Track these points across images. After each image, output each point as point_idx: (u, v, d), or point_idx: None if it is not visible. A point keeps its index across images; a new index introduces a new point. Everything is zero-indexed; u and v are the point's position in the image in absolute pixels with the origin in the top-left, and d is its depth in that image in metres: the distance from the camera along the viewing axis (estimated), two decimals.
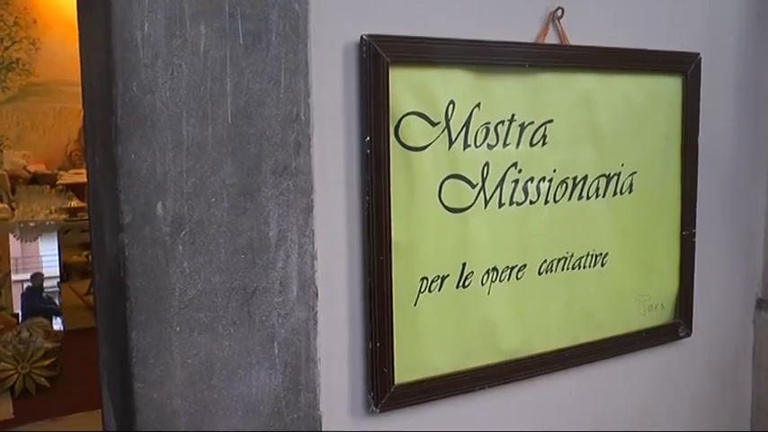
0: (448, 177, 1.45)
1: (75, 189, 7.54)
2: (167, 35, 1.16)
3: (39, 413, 4.27)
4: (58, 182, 8.41)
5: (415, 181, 1.43)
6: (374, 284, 1.38)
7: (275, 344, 1.27)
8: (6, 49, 10.11)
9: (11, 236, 5.92)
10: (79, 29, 1.54)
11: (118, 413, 1.33)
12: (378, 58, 1.35)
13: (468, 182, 1.48)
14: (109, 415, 1.40)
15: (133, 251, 1.15)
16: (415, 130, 1.42)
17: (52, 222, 5.57)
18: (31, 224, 5.53)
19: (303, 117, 1.27)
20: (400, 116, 1.40)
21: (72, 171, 9.36)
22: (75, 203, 5.85)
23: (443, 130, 1.44)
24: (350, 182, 1.38)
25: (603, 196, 1.69)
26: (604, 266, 1.70)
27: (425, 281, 1.45)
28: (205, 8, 1.19)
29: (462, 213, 1.48)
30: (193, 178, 1.19)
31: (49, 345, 4.82)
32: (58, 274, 6.45)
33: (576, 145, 1.63)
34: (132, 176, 1.14)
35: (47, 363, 4.68)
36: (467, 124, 1.47)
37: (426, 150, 1.44)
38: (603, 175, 1.68)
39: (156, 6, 1.15)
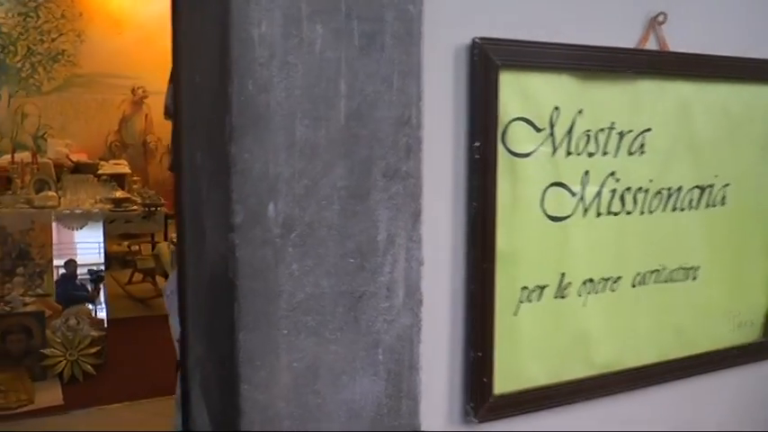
0: (551, 185, 1.41)
1: (115, 179, 7.59)
2: (284, 34, 1.12)
3: (86, 400, 4.29)
4: (98, 171, 8.48)
5: (518, 188, 1.38)
6: (477, 292, 1.34)
7: (380, 350, 1.24)
8: (53, 40, 10.19)
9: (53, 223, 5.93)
10: (176, 27, 1.50)
11: (213, 412, 1.30)
12: (488, 62, 1.31)
13: (569, 190, 1.44)
14: (200, 414, 1.37)
15: (243, 252, 1.11)
16: (520, 136, 1.37)
17: (98, 212, 5.58)
18: (78, 212, 5.55)
19: (414, 120, 1.23)
20: (507, 121, 1.36)
21: (112, 161, 9.43)
22: (120, 194, 5.87)
23: (548, 137, 1.40)
24: (457, 187, 1.34)
25: (696, 208, 1.63)
26: (695, 280, 1.65)
27: (526, 290, 1.41)
28: (322, 8, 1.15)
29: (562, 222, 1.43)
30: (305, 180, 1.15)
31: (95, 333, 4.84)
32: (91, 261, 6.45)
33: (673, 155, 1.58)
34: (245, 176, 1.11)
35: (93, 351, 4.71)
36: (570, 131, 1.42)
37: (530, 157, 1.39)
38: (697, 187, 1.63)
39: (273, 5, 1.12)
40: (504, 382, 1.40)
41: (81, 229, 5.73)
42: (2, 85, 9.87)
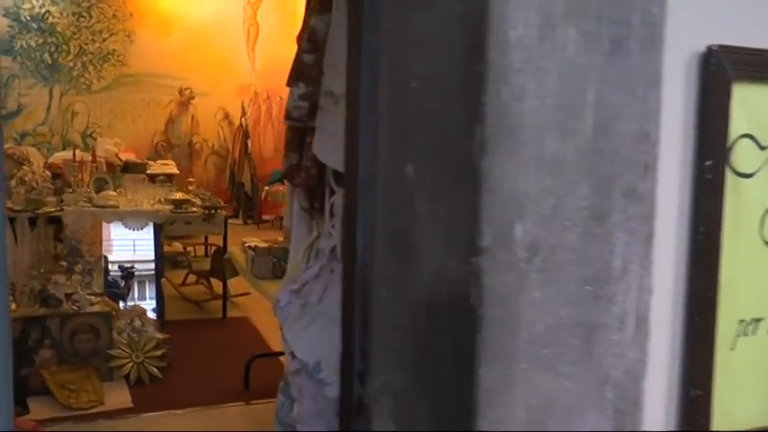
0: None
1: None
2: (539, 37, 1.00)
3: (154, 403, 4.19)
4: (147, 171, 8.42)
5: (740, 212, 1.25)
6: (701, 324, 1.21)
7: (608, 386, 1.11)
8: (104, 40, 10.18)
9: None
10: (358, 27, 1.38)
11: None
12: (723, 72, 1.18)
13: None
14: None
15: (489, 277, 0.99)
16: (745, 155, 1.24)
17: (160, 213, 5.50)
18: (141, 213, 5.47)
19: (653, 135, 1.11)
20: (734, 138, 1.22)
21: (160, 162, 9.38)
22: (180, 195, 5.78)
23: None
24: (682, 209, 1.21)
25: None
26: None
27: (743, 323, 1.27)
28: (575, 8, 1.03)
29: None
30: (552, 198, 1.03)
31: (159, 335, 4.75)
32: (130, 258, 6.36)
33: None
34: (495, 194, 0.99)
35: (158, 353, 4.62)
36: None
37: (753, 178, 1.26)
38: None
39: (530, 5, 0.99)
40: (718, 423, 1.27)
41: (141, 229, 5.65)
42: (54, 84, 9.87)
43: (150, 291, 6.23)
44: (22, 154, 8.41)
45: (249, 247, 3.69)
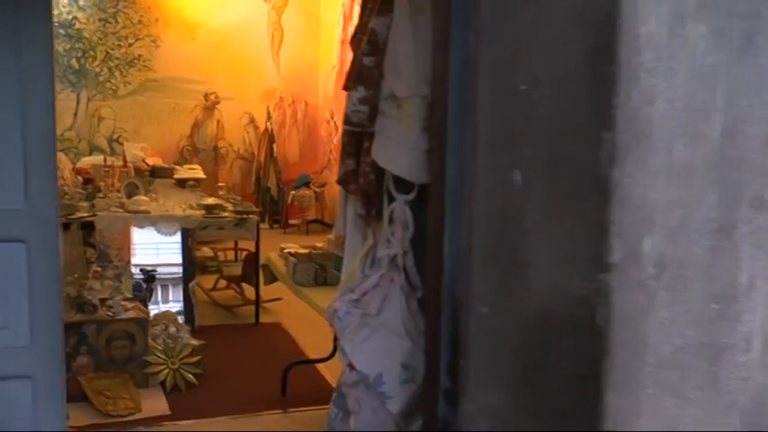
0: None
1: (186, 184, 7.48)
2: (669, 33, 0.91)
3: (191, 411, 4.12)
4: (173, 176, 8.37)
5: None
6: None
7: (735, 413, 1.02)
8: (130, 45, 10.16)
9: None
10: (444, 32, 1.30)
11: None
12: None
13: None
14: None
15: (617, 296, 0.91)
16: None
17: (192, 218, 5.43)
18: (174, 218, 5.41)
19: None
20: None
21: (186, 166, 9.34)
22: (212, 200, 5.72)
23: None
24: None
25: None
26: None
27: None
28: (705, 3, 0.94)
29: None
30: (679, 209, 0.94)
31: (194, 342, 4.68)
32: (153, 262, 6.28)
33: None
34: (624, 205, 0.90)
35: (194, 360, 4.54)
36: None
37: None
38: None
39: None
40: None
41: (173, 235, 5.59)
42: (81, 89, 9.86)
43: (174, 294, 6.17)
44: None
45: (289, 253, 3.62)
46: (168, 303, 6.07)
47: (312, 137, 10.89)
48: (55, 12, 9.53)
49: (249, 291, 6.10)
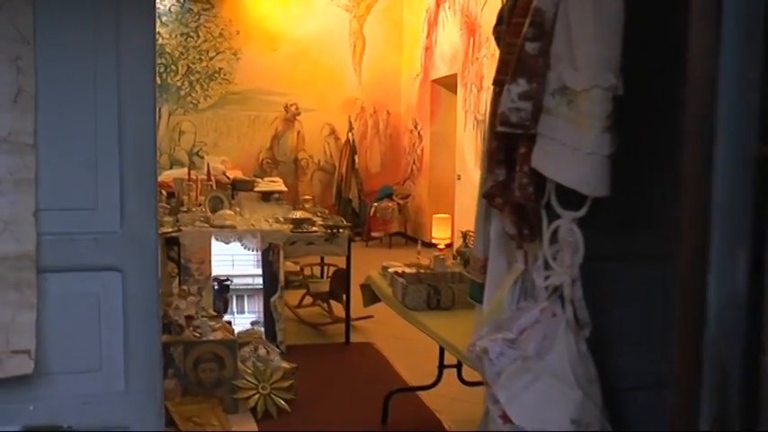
0: None
1: (267, 197, 7.22)
2: None
3: None
4: (254, 188, 8.16)
5: None
6: None
7: None
8: (211, 59, 10.04)
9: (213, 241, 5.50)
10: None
11: None
12: None
13: None
14: None
15: None
16: None
17: (280, 233, 5.14)
18: (261, 233, 5.14)
19: None
20: None
21: (267, 179, 9.13)
22: (300, 214, 5.41)
23: None
24: None
25: None
26: None
27: None
28: None
29: None
30: None
31: (286, 365, 4.37)
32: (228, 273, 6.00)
33: None
34: None
35: (286, 385, 4.23)
36: None
37: None
38: None
39: None
40: None
41: (260, 250, 5.31)
42: (162, 104, 9.78)
43: (250, 305, 5.91)
44: None
45: (397, 273, 3.25)
46: (244, 314, 5.83)
47: (394, 147, 10.57)
48: None
49: (338, 308, 5.79)
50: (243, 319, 5.56)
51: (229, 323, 4.95)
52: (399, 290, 3.08)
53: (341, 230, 5.22)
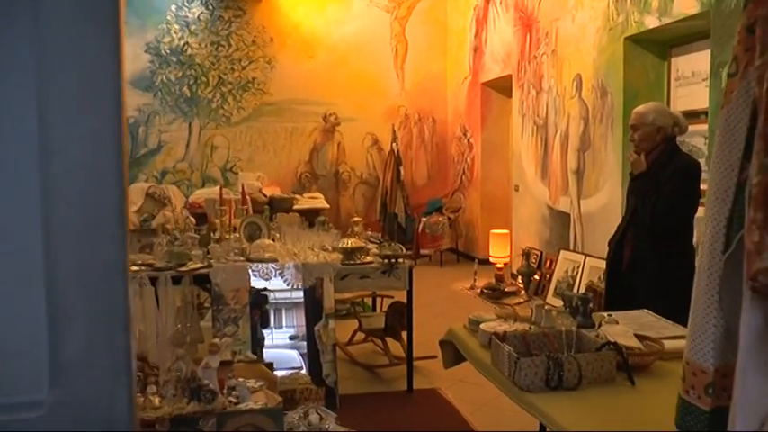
0: None
1: (306, 215, 6.32)
2: None
3: None
4: (294, 207, 7.27)
5: None
6: None
7: None
8: (243, 68, 9.17)
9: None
10: None
11: None
12: None
13: None
14: None
15: None
16: None
17: (330, 267, 4.23)
18: (307, 268, 4.23)
19: None
20: None
21: (307, 195, 8.23)
22: (353, 242, 4.46)
23: None
24: None
25: None
26: None
27: None
28: None
29: None
30: None
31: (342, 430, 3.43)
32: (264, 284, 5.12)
33: None
34: None
35: None
36: None
37: None
38: None
39: None
40: None
41: (307, 287, 4.39)
42: (193, 118, 8.97)
43: (288, 319, 5.04)
44: (162, 193, 7.49)
45: (497, 335, 2.31)
46: (282, 329, 4.96)
47: (441, 157, 9.60)
48: (167, 39, 8.68)
49: (395, 347, 4.87)
50: (281, 335, 4.88)
51: (270, 365, 4.03)
52: (506, 362, 2.15)
53: (400, 261, 4.28)
